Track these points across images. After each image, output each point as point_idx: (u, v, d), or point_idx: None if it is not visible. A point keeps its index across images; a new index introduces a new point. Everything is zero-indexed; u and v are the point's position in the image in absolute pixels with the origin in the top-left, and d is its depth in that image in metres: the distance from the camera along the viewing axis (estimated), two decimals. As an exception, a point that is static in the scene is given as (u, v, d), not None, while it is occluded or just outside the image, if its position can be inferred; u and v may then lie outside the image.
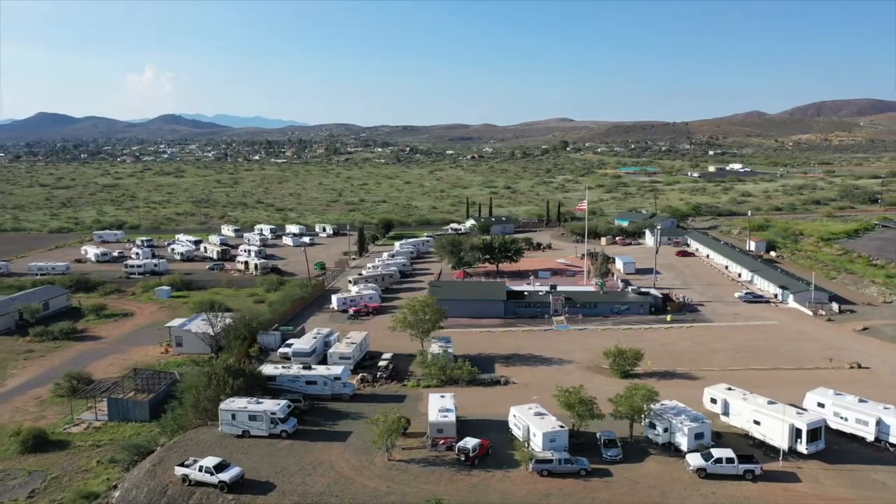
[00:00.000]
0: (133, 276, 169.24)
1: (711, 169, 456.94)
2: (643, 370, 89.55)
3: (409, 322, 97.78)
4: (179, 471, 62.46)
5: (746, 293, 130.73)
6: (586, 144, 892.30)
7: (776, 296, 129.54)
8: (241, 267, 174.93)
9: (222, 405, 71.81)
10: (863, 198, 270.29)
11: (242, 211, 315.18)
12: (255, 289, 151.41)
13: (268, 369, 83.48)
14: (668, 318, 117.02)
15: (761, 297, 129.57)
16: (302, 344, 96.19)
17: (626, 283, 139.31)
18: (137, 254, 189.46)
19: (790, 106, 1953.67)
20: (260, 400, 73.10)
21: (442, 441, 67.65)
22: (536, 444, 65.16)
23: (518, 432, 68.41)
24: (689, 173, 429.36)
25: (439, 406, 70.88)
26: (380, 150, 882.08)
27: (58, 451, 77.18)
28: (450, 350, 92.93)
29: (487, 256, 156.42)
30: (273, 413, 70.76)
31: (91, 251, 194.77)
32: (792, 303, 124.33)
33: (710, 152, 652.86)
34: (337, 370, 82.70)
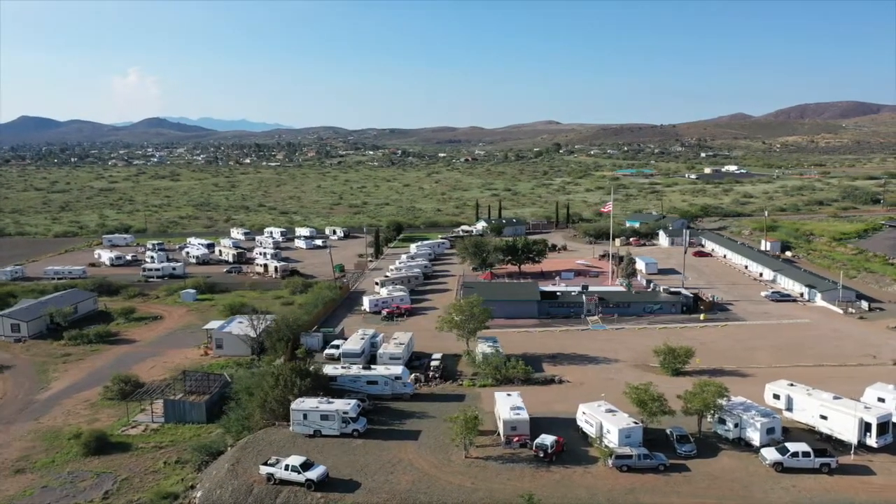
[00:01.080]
0: (151, 279, 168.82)
1: (707, 171, 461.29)
2: (692, 368, 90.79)
3: (456, 322, 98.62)
4: (264, 470, 62.86)
5: (773, 292, 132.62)
6: (576, 147, 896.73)
7: (802, 294, 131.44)
8: (261, 270, 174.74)
9: (294, 405, 72.23)
10: (864, 198, 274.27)
11: (246, 214, 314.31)
12: (280, 291, 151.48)
13: (328, 370, 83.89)
14: (702, 316, 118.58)
15: (788, 295, 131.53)
16: (352, 345, 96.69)
17: (651, 283, 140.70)
18: (152, 257, 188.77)
19: (774, 108, 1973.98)
20: (331, 400, 73.59)
21: (516, 438, 68.47)
22: (611, 440, 66.15)
23: (590, 429, 69.32)
24: (686, 175, 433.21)
25: (510, 404, 71.65)
26: (371, 152, 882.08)
27: (120, 453, 77.11)
28: (500, 350, 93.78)
29: (509, 258, 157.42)
30: (345, 412, 71.29)
31: (105, 255, 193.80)
32: (820, 301, 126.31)
33: (702, 154, 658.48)
34: (397, 370, 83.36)
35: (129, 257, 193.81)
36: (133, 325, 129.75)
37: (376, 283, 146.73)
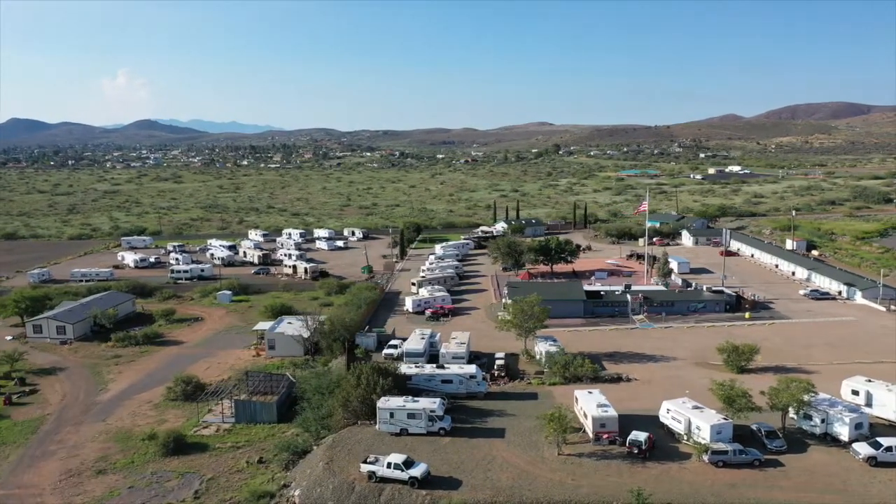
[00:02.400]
0: (180, 281, 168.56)
1: (711, 171, 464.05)
2: (755, 365, 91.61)
3: (514, 322, 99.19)
4: (365, 468, 63.09)
5: (812, 290, 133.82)
6: (573, 148, 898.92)
7: (840, 293, 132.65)
8: (289, 271, 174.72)
9: (379, 403, 72.50)
10: (876, 198, 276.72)
11: (257, 216, 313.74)
12: (314, 292, 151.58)
13: (403, 369, 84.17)
14: (747, 315, 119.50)
15: (827, 293, 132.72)
16: (414, 345, 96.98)
17: (686, 282, 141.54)
18: (177, 259, 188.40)
19: (765, 109, 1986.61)
20: (415, 398, 73.93)
21: (605, 435, 68.98)
22: (702, 436, 66.73)
23: (678, 426, 69.88)
24: (691, 175, 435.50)
25: (596, 402, 72.19)
26: (368, 154, 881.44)
27: (198, 454, 77.27)
28: (562, 348, 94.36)
29: (541, 258, 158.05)
30: (432, 411, 71.64)
31: (128, 257, 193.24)
32: (860, 299, 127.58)
33: (701, 155, 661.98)
34: (471, 369, 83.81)
35: (152, 259, 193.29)
36: (175, 327, 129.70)
37: (413, 284, 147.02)
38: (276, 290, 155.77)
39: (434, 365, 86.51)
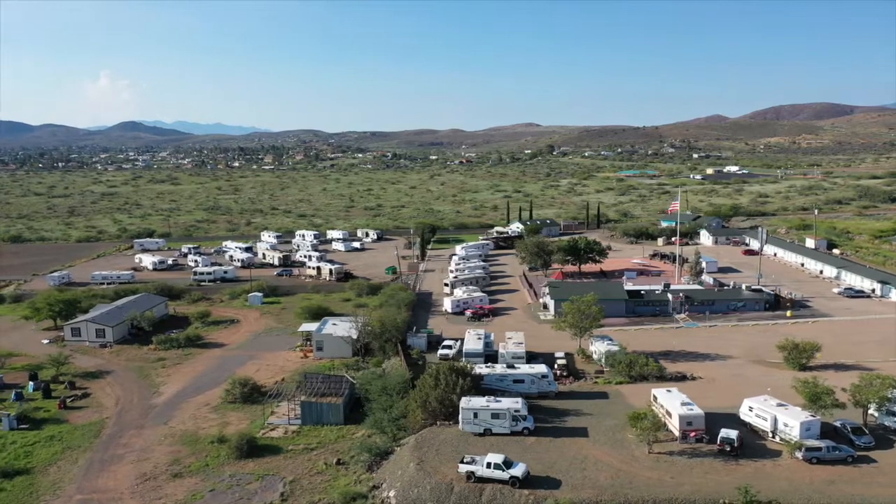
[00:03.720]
0: (203, 283, 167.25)
1: (710, 172, 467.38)
2: (814, 363, 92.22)
3: (570, 322, 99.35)
4: (464, 468, 62.82)
5: (846, 288, 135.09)
6: (565, 149, 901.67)
7: (874, 290, 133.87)
8: (312, 272, 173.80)
9: (463, 403, 72.27)
10: (882, 197, 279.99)
11: (263, 217, 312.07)
12: (344, 293, 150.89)
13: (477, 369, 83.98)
14: (788, 313, 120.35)
15: (861, 291, 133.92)
16: (473, 345, 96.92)
17: (718, 281, 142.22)
18: (196, 261, 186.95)
19: (750, 110, 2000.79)
20: (498, 399, 73.76)
21: (692, 433, 69.14)
22: (791, 433, 67.11)
23: (763, 423, 70.13)
24: (691, 175, 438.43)
25: (679, 400, 72.39)
26: (360, 155, 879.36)
27: (271, 456, 76.61)
28: (622, 348, 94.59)
29: (569, 258, 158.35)
30: (516, 410, 71.51)
31: (146, 259, 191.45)
32: (895, 297, 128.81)
33: (695, 156, 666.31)
34: (542, 368, 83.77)
35: (170, 262, 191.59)
36: (212, 329, 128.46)
37: (445, 285, 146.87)
38: (305, 291, 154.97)
39: (504, 365, 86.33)
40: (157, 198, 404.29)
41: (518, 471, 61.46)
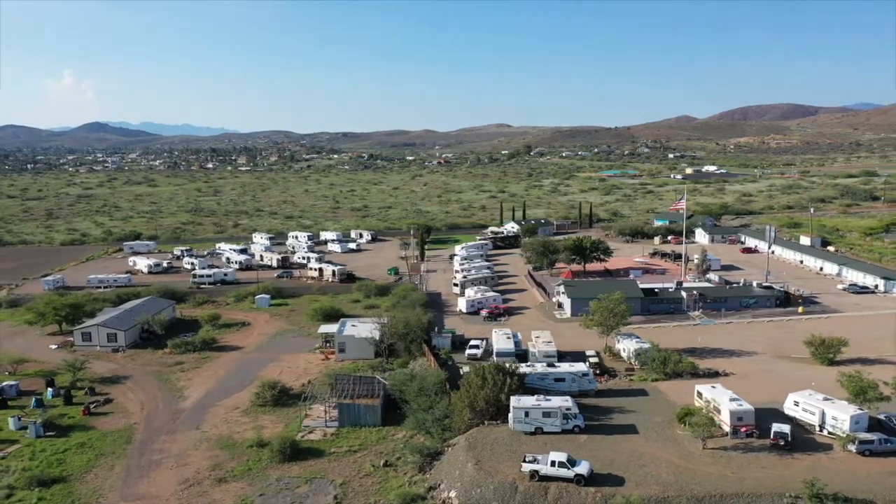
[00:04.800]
0: (203, 286, 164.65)
1: (689, 171, 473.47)
2: (841, 357, 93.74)
3: (597, 321, 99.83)
4: (527, 467, 62.62)
5: (851, 285, 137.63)
6: (541, 149, 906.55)
7: (877, 286, 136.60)
8: (314, 274, 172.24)
9: (514, 402, 72.11)
10: (863, 195, 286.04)
11: (249, 219, 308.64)
12: (352, 294, 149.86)
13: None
14: (800, 310, 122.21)
15: (866, 287, 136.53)
16: (503, 344, 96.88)
17: (723, 279, 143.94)
18: (193, 264, 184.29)
19: (717, 111, 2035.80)
20: (548, 397, 73.75)
21: (743, 429, 69.77)
22: (840, 427, 68.05)
23: (811, 417, 71.00)
24: (671, 175, 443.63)
25: (727, 396, 73.03)
26: (336, 156, 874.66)
27: (315, 458, 75.71)
28: (653, 345, 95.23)
29: (575, 257, 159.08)
30: (567, 409, 71.57)
31: (141, 262, 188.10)
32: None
33: (670, 156, 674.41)
34: (582, 367, 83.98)
35: (164, 264, 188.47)
36: (224, 332, 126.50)
37: (455, 285, 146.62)
38: (310, 293, 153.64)
39: (543, 364, 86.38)
40: (135, 200, 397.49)
41: (583, 469, 61.47)
